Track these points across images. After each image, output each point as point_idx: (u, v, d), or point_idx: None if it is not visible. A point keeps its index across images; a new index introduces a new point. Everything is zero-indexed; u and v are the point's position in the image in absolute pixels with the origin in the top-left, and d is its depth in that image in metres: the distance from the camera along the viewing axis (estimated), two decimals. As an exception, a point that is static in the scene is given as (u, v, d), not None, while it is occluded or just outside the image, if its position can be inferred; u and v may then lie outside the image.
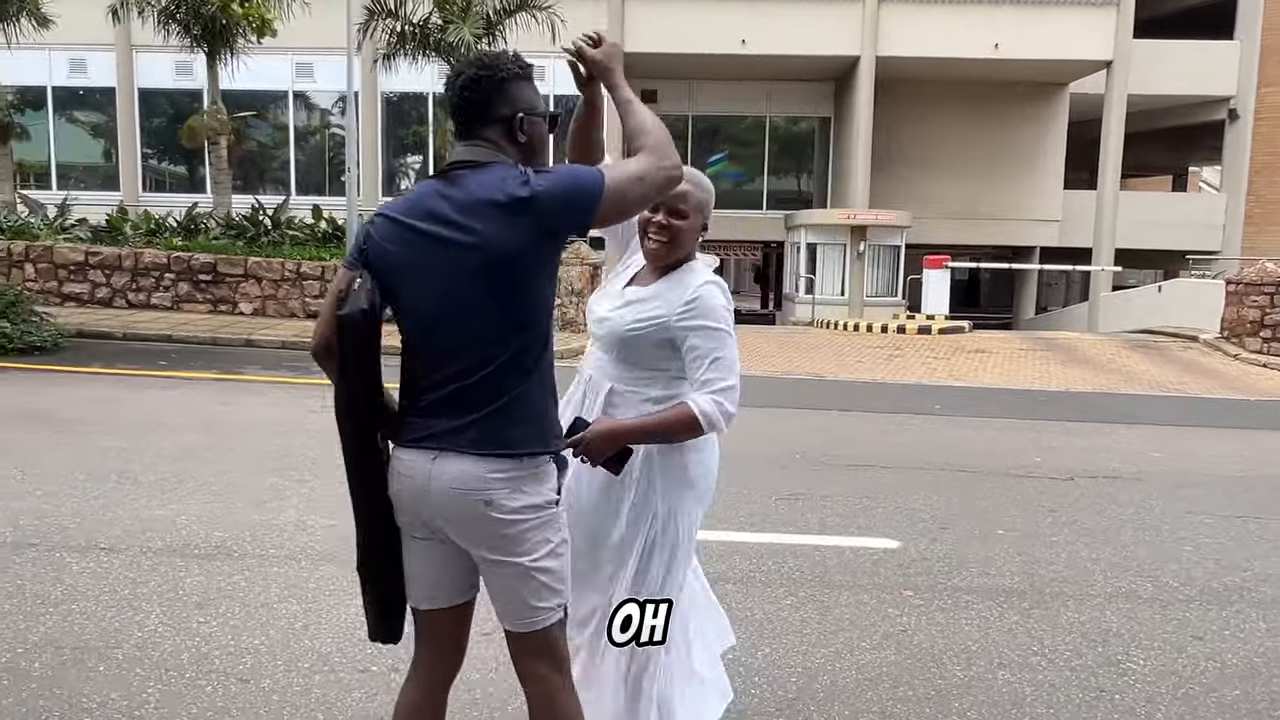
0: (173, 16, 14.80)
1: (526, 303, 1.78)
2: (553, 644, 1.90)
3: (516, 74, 1.83)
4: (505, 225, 1.72)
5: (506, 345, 1.77)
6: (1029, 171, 23.51)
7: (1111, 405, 9.76)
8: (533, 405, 1.80)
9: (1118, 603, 3.90)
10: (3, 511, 4.41)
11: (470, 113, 1.82)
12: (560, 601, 1.87)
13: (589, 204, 1.76)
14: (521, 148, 1.83)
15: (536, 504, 1.79)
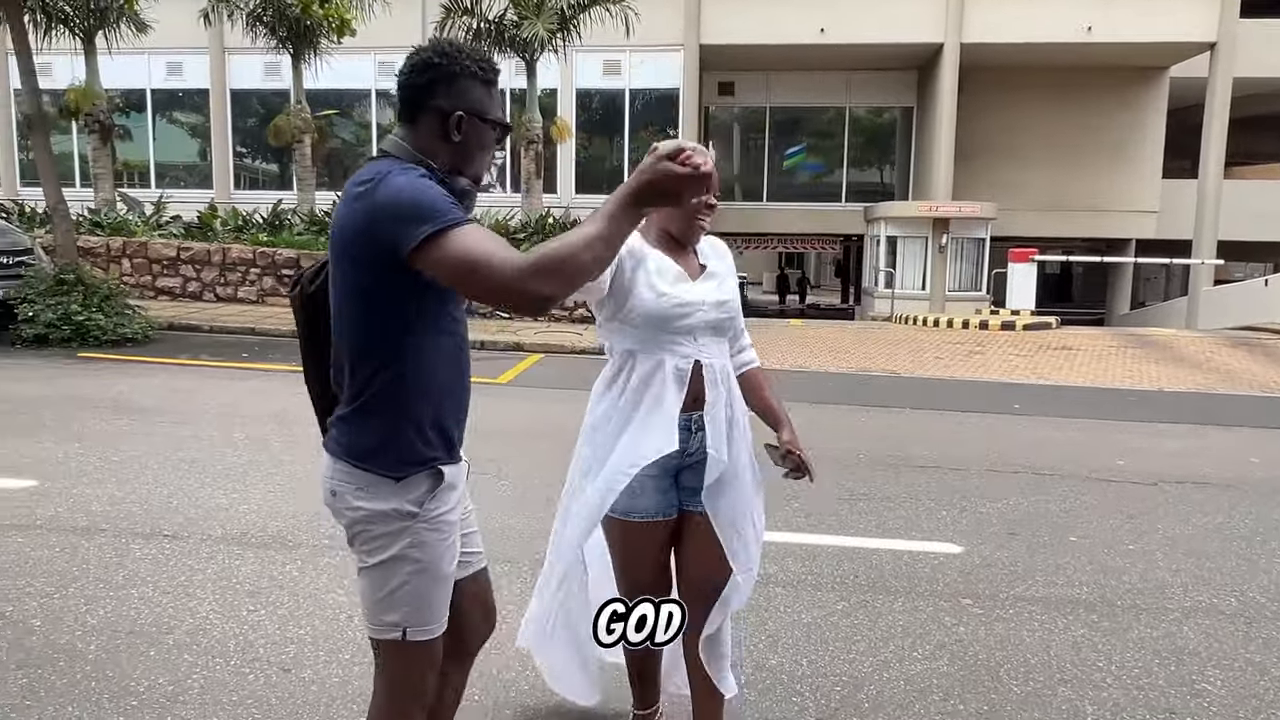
0: (259, 19, 15.30)
1: (359, 306, 1.70)
2: (385, 662, 1.84)
3: (473, 73, 1.77)
4: (348, 211, 1.67)
5: (347, 350, 1.74)
6: (1124, 160, 22.48)
7: (1207, 406, 9.23)
8: (373, 416, 1.74)
9: (1197, 618, 3.66)
10: (79, 498, 4.59)
11: (410, 96, 1.77)
12: (395, 621, 1.78)
13: (413, 232, 1.57)
14: (454, 147, 1.78)
15: (380, 510, 1.74)
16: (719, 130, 25.90)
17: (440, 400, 1.78)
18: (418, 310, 1.71)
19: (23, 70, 10.04)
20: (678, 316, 2.18)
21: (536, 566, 3.90)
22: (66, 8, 15.64)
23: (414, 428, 1.75)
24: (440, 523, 1.78)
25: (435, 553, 1.78)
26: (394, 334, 1.71)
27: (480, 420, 7.47)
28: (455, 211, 1.61)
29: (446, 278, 1.61)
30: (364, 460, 1.74)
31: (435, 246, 1.58)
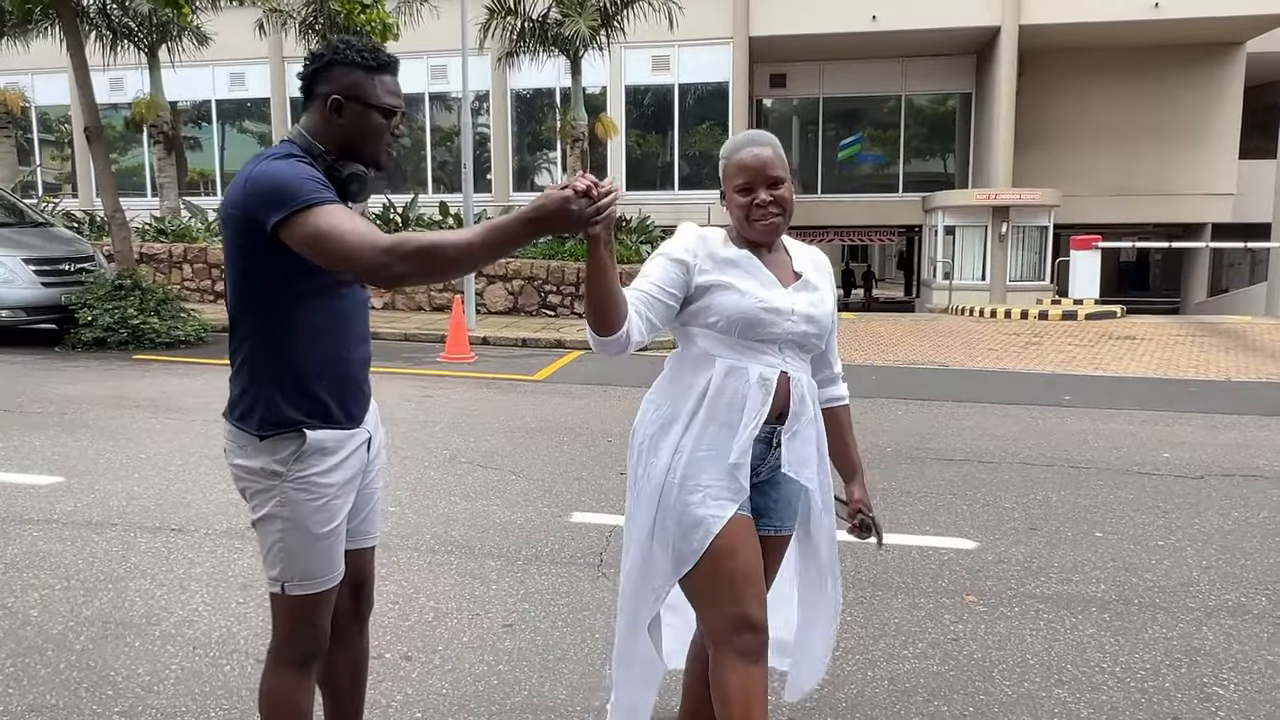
0: (311, 27, 15.65)
1: (236, 275, 1.83)
2: (273, 613, 1.96)
3: (351, 60, 1.85)
4: (229, 190, 1.81)
5: (234, 317, 1.87)
6: (1196, 141, 21.52)
7: (1275, 396, 8.76)
8: (248, 380, 1.86)
9: (1219, 618, 3.44)
10: (99, 493, 4.73)
11: (303, 88, 1.91)
12: (274, 575, 1.90)
13: (272, 214, 1.70)
14: (339, 130, 1.86)
15: (250, 467, 1.86)
16: (774, 122, 25.62)
17: (310, 367, 1.86)
18: (287, 282, 1.80)
19: (80, 84, 10.43)
20: (765, 323, 1.98)
21: (531, 562, 3.90)
22: (130, 23, 16.22)
23: (280, 391, 1.84)
24: (307, 483, 1.86)
25: (303, 511, 1.86)
26: (264, 302, 1.83)
27: (506, 417, 7.57)
28: (319, 193, 1.72)
29: (306, 252, 1.72)
30: (239, 420, 1.87)
31: (295, 224, 1.70)
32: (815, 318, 2.05)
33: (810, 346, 2.07)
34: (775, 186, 2.01)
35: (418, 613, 3.39)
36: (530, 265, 13.74)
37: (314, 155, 1.84)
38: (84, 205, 21.52)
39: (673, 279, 1.99)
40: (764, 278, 2.03)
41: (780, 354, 2.03)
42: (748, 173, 2.01)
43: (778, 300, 2.01)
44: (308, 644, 1.96)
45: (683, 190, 22.06)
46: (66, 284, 10.36)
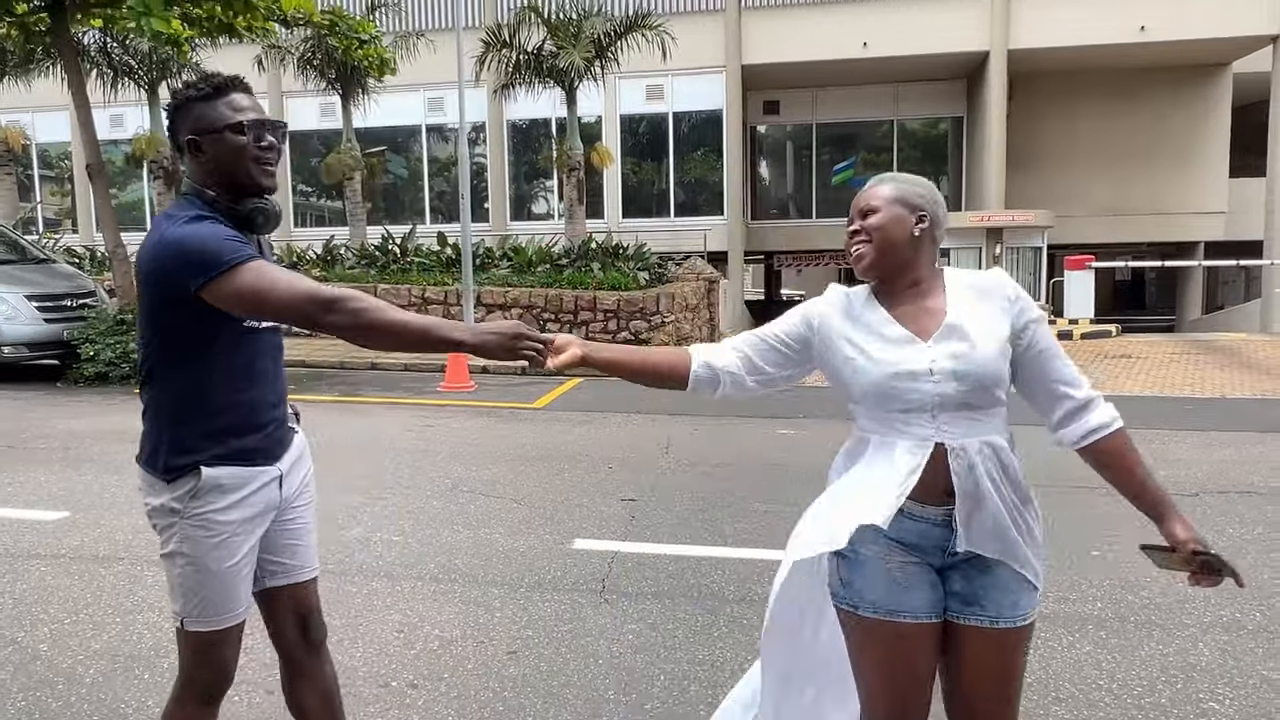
0: (309, 62, 15.87)
1: (147, 325, 1.91)
2: (179, 648, 2.00)
3: (189, 97, 1.91)
4: (143, 250, 1.87)
5: (142, 364, 1.95)
6: (1186, 161, 21.73)
7: (1269, 413, 8.83)
8: (152, 423, 1.94)
9: (1215, 634, 3.48)
10: (105, 528, 4.77)
11: (172, 145, 2.02)
12: (176, 610, 1.96)
13: (194, 278, 1.77)
14: (210, 167, 1.91)
15: (153, 505, 1.93)
16: (767, 149, 25.87)
17: (211, 409, 1.91)
18: (196, 332, 1.86)
19: (81, 122, 10.57)
20: (899, 392, 1.75)
21: (534, 590, 3.94)
22: (130, 60, 16.44)
23: (182, 432, 1.90)
24: (204, 520, 1.90)
25: (201, 549, 1.90)
26: (172, 350, 1.89)
27: (507, 446, 7.61)
28: (240, 251, 1.78)
29: (237, 308, 1.81)
30: (146, 461, 1.95)
31: (221, 285, 1.77)
32: (964, 372, 1.73)
33: (982, 404, 1.74)
34: (865, 216, 1.84)
35: (423, 641, 3.43)
36: (529, 294, 13.84)
37: (209, 202, 1.90)
38: (84, 241, 21.66)
39: (791, 329, 1.91)
40: (894, 335, 1.79)
41: (934, 421, 1.75)
42: (853, 208, 1.89)
43: (910, 361, 1.76)
44: (208, 678, 1.99)
45: (679, 217, 22.23)
46: (68, 320, 10.44)
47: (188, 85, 1.94)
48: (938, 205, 1.86)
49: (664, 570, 4.19)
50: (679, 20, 17.76)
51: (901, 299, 1.82)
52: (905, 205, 1.82)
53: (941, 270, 1.87)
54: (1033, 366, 1.80)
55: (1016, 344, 1.78)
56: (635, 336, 13.34)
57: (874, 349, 1.79)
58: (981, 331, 1.75)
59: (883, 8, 20.09)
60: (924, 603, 1.78)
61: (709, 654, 3.33)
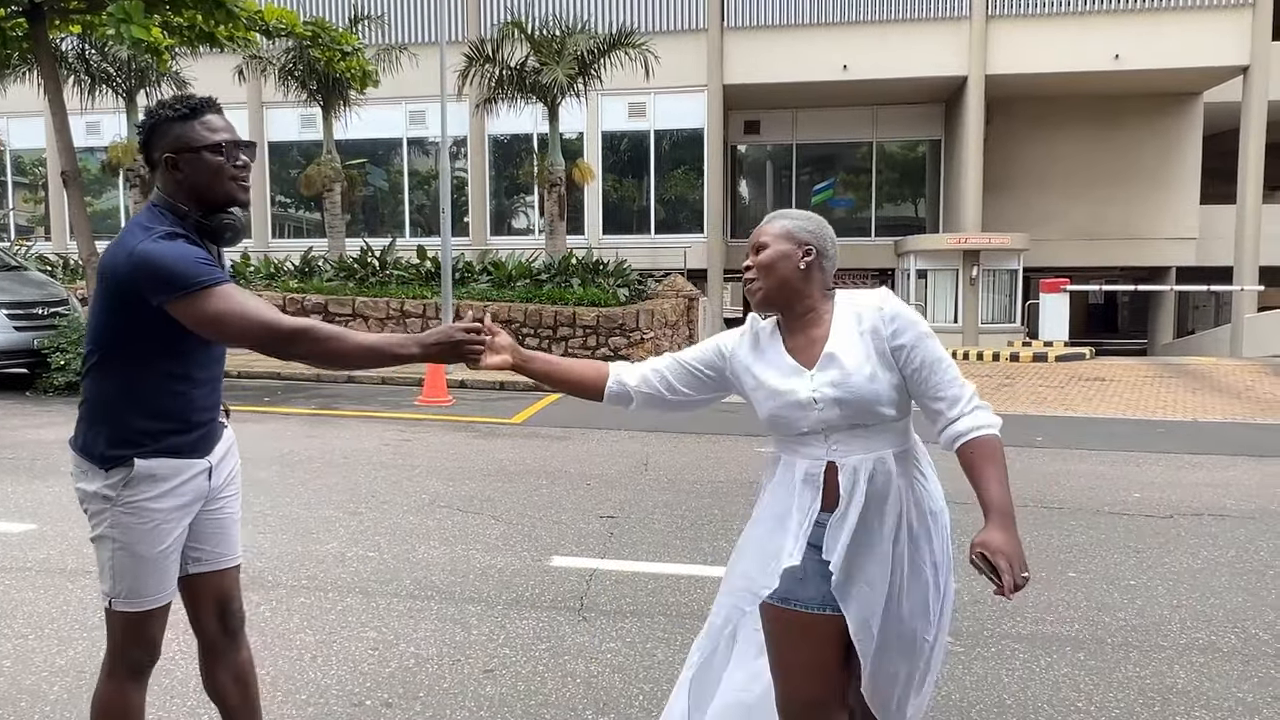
0: (291, 73, 15.81)
1: (98, 324, 1.99)
2: (108, 627, 2.10)
3: (166, 117, 1.99)
4: (112, 255, 1.95)
5: (88, 356, 2.03)
6: (1159, 187, 22.12)
7: (1241, 436, 8.94)
8: (93, 412, 2.03)
9: (1191, 656, 3.50)
10: (72, 540, 4.67)
11: (145, 158, 2.06)
12: (105, 590, 2.05)
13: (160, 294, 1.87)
14: (184, 184, 1.99)
15: (86, 490, 2.02)
16: (747, 168, 26.04)
17: (148, 404, 2.01)
18: (145, 335, 1.96)
19: (58, 129, 10.46)
20: (793, 420, 1.92)
21: (511, 607, 3.89)
22: (108, 68, 16.30)
23: (120, 424, 2.00)
24: (136, 508, 2.00)
25: (133, 535, 2.00)
26: (118, 349, 1.99)
27: (484, 461, 7.56)
28: (211, 274, 1.89)
29: (202, 329, 1.91)
30: (81, 448, 2.04)
31: (189, 304, 1.87)
32: (843, 398, 1.87)
33: (868, 422, 1.89)
34: (757, 252, 1.99)
35: (398, 659, 3.38)
36: (508, 309, 13.81)
37: (181, 215, 1.98)
38: (57, 248, 21.39)
39: (703, 356, 2.10)
40: (784, 366, 1.95)
41: (825, 442, 1.92)
42: (748, 246, 2.05)
43: (799, 390, 1.91)
44: (137, 656, 2.11)
45: (659, 234, 22.31)
46: (39, 328, 10.28)
47: (163, 105, 2.02)
48: (824, 238, 2.01)
49: (643, 588, 4.16)
50: (662, 39, 17.87)
51: (796, 329, 1.98)
52: (792, 240, 1.98)
53: (833, 296, 2.00)
54: (913, 380, 1.93)
55: (898, 360, 1.91)
56: (615, 352, 13.32)
57: (769, 380, 1.96)
58: (856, 357, 1.89)
59: (863, 31, 20.36)
60: (818, 595, 1.92)
61: (688, 674, 3.29)
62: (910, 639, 1.94)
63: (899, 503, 1.92)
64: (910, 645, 1.95)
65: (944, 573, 1.99)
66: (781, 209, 2.10)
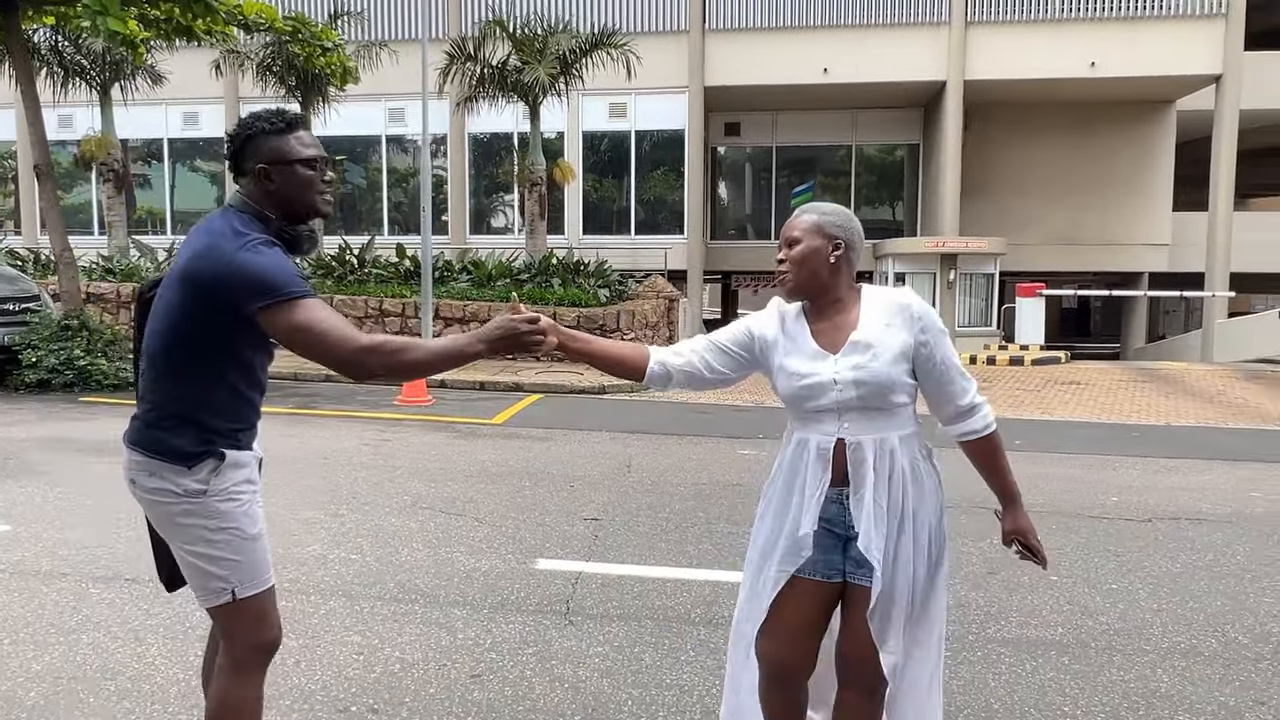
0: (269, 69, 15.64)
1: (171, 323, 2.00)
2: (222, 624, 2.11)
3: (263, 130, 2.06)
4: (202, 260, 1.96)
5: (158, 360, 2.04)
6: (1133, 193, 22.40)
7: (1214, 440, 9.06)
8: (167, 413, 2.03)
9: (1174, 659, 3.53)
10: (48, 542, 4.59)
11: (232, 166, 2.11)
12: (220, 586, 2.06)
13: (254, 300, 1.91)
14: (275, 194, 2.06)
15: (174, 490, 2.02)
16: (727, 170, 26.08)
17: (225, 405, 2.06)
18: (223, 338, 2.01)
19: (31, 121, 10.27)
20: (810, 398, 2.11)
21: (497, 611, 3.86)
22: (82, 60, 16.04)
23: (202, 424, 2.04)
24: (231, 494, 2.06)
25: (236, 519, 2.06)
26: (196, 351, 2.01)
27: (466, 462, 7.51)
28: (301, 286, 1.95)
29: (284, 339, 1.95)
30: (154, 449, 2.03)
31: (277, 313, 1.92)
32: (864, 380, 2.07)
33: (880, 405, 2.08)
34: (791, 246, 2.16)
35: (383, 664, 3.34)
36: (488, 308, 13.74)
37: (265, 223, 2.05)
38: (27, 243, 21.04)
39: (737, 339, 2.26)
40: (809, 350, 2.14)
41: (839, 421, 2.11)
42: (781, 236, 2.21)
43: (822, 372, 2.10)
44: (270, 638, 2.14)
45: (639, 235, 22.29)
46: (10, 324, 10.11)
47: (259, 118, 2.08)
48: (853, 232, 2.17)
49: (629, 591, 4.14)
50: (644, 40, 17.85)
51: (823, 316, 2.16)
52: (823, 235, 2.13)
53: (860, 288, 2.19)
54: (931, 375, 2.13)
55: (918, 355, 2.10)
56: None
57: (793, 362, 2.14)
58: (883, 344, 2.08)
59: (844, 35, 20.45)
60: (811, 564, 2.14)
61: (675, 678, 3.28)
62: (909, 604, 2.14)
63: (901, 482, 2.10)
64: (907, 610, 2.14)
65: (936, 544, 2.17)
66: (809, 204, 2.25)
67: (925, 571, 2.15)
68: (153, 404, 2.06)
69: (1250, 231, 21.16)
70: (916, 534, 2.12)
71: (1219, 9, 19.65)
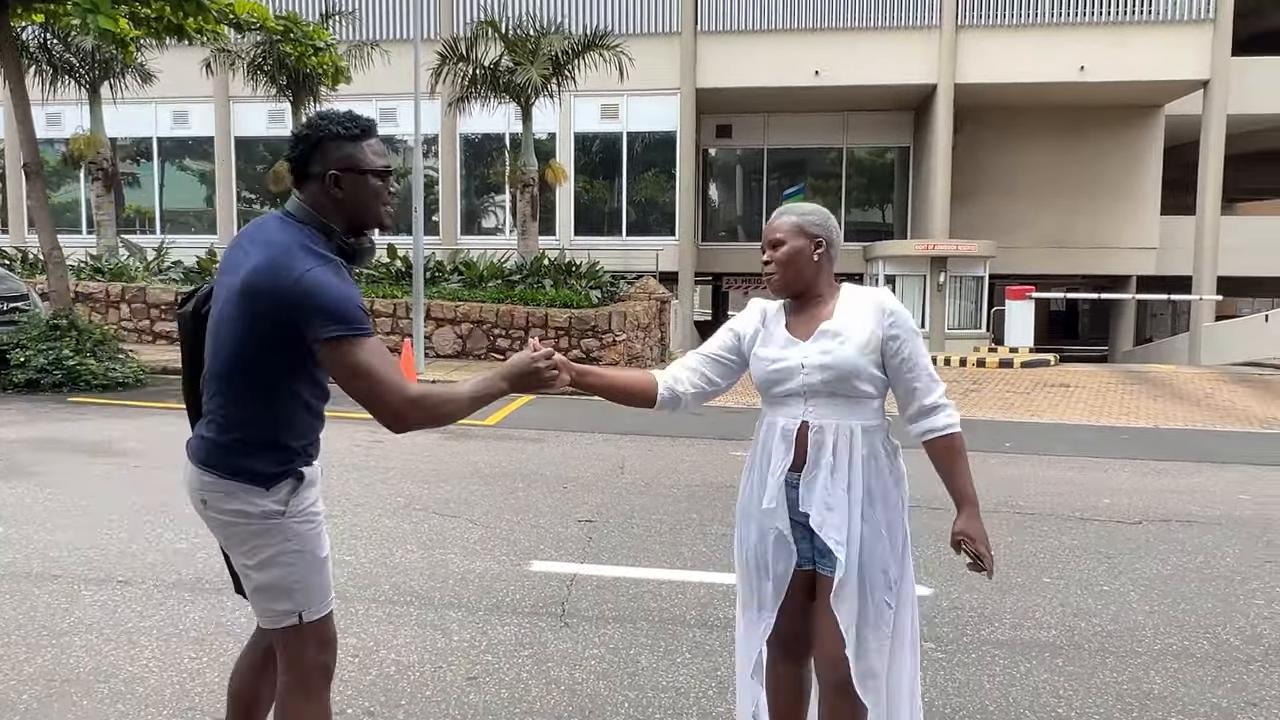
0: (260, 68, 15.58)
1: (238, 342, 1.91)
2: (284, 646, 2.06)
3: (336, 134, 1.96)
4: (265, 276, 1.86)
5: (225, 380, 1.96)
6: (1122, 197, 22.54)
7: (1202, 443, 9.12)
8: (241, 435, 1.96)
9: (1166, 661, 3.56)
10: (38, 544, 4.56)
11: (295, 169, 2.00)
12: (289, 608, 2.01)
13: (320, 329, 1.84)
14: (341, 203, 1.98)
15: (250, 511, 1.96)
16: (718, 172, 26.12)
17: (297, 421, 2.02)
18: (291, 358, 1.93)
19: (19, 119, 10.20)
20: (778, 380, 2.22)
21: (492, 613, 3.86)
22: (71, 58, 15.95)
23: (276, 443, 1.99)
24: (307, 515, 2.03)
25: (309, 541, 2.03)
26: (265, 370, 1.94)
27: (459, 463, 7.48)
28: (366, 323, 1.90)
29: (337, 375, 1.89)
30: (230, 471, 1.96)
31: (340, 348, 1.85)
32: (830, 365, 2.16)
33: (845, 392, 2.17)
34: (775, 247, 2.26)
35: (378, 666, 3.33)
36: (479, 309, 13.72)
37: (328, 235, 1.97)
38: (15, 241, 20.89)
39: (725, 343, 2.37)
40: (782, 338, 2.26)
41: (804, 404, 2.20)
42: (764, 238, 2.31)
43: (790, 357, 2.21)
44: (328, 660, 2.11)
45: (630, 236, 22.29)
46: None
47: (330, 121, 1.98)
48: (832, 230, 2.27)
49: (624, 593, 4.14)
50: (636, 41, 17.84)
51: (803, 310, 2.27)
52: (805, 235, 2.24)
53: (841, 286, 2.30)
54: (899, 371, 2.21)
55: (886, 349, 2.18)
56: (587, 354, 13.29)
57: (766, 349, 2.26)
58: (851, 333, 2.17)
59: (835, 38, 20.51)
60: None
61: (672, 680, 3.29)
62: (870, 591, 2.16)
63: (862, 471, 2.16)
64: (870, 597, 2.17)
65: (899, 537, 2.21)
66: (788, 205, 2.35)
67: (891, 561, 2.17)
68: (223, 424, 1.97)
69: (1237, 235, 21.32)
70: (876, 522, 2.17)
71: (1207, 14, 19.81)
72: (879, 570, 2.16)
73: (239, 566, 2.04)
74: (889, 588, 2.17)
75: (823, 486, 2.15)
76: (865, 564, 2.15)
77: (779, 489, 2.20)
